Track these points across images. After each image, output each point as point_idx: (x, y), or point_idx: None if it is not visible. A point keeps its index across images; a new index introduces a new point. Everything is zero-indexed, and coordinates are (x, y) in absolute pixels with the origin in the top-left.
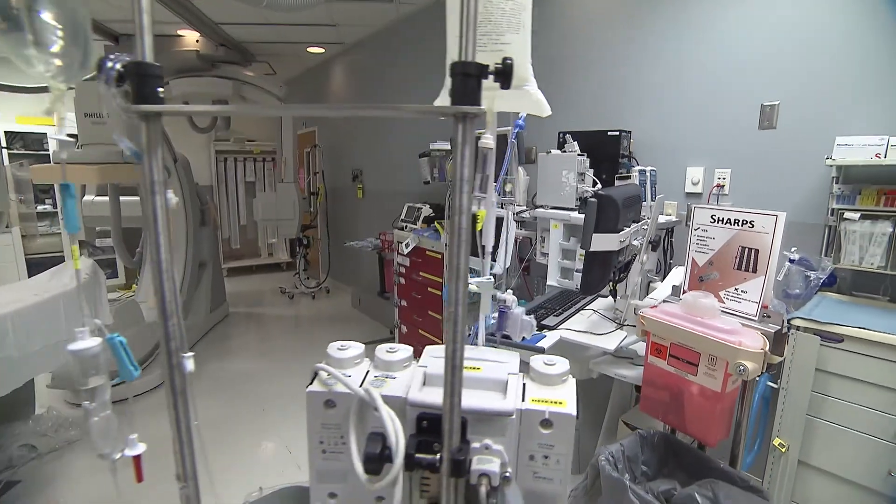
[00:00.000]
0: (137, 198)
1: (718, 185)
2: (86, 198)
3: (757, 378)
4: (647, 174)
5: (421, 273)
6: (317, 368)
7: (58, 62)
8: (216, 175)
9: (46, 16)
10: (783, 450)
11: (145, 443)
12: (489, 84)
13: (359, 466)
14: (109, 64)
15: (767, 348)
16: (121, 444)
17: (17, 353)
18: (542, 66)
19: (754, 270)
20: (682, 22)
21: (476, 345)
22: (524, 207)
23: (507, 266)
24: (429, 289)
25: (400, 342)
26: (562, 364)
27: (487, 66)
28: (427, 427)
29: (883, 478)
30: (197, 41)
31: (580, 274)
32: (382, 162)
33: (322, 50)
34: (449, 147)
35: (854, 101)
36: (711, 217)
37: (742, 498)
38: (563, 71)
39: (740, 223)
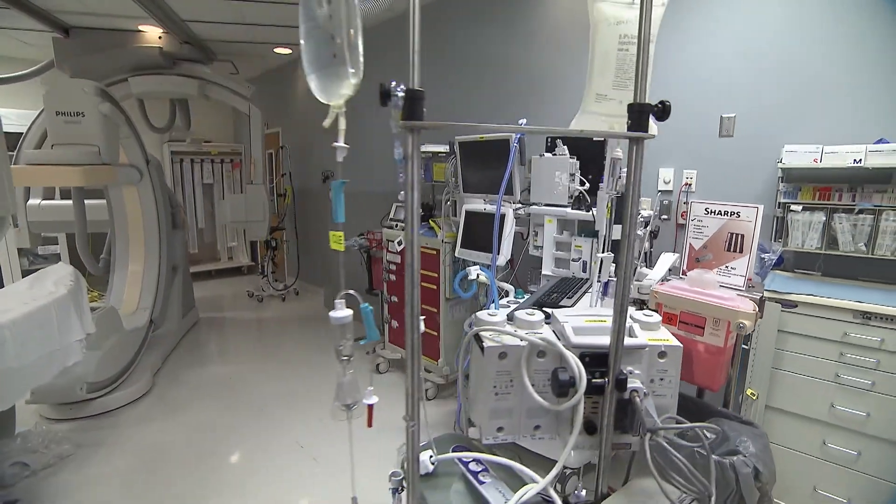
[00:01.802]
0: (101, 201)
1: (686, 184)
2: (31, 202)
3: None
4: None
5: None
6: (479, 331)
7: (354, 81)
8: (172, 177)
9: (360, 44)
10: (754, 398)
11: (139, 453)
12: (609, 109)
13: (537, 397)
14: (396, 93)
15: (757, 310)
16: (356, 397)
17: (17, 363)
18: (533, 77)
19: (740, 251)
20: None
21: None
22: (520, 205)
23: (509, 258)
24: (422, 284)
25: (390, 336)
26: (656, 315)
27: (656, 105)
28: (589, 362)
29: (828, 409)
30: (160, 37)
31: (575, 263)
32: (355, 164)
33: (289, 51)
34: (434, 149)
35: (798, 115)
36: (705, 209)
37: (743, 429)
38: (549, 81)
39: (729, 214)
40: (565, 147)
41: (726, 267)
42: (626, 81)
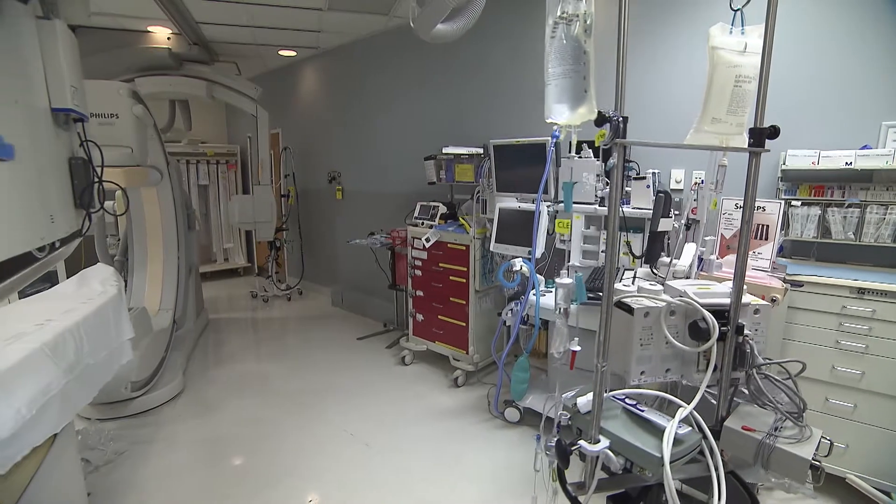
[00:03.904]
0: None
1: (696, 184)
2: None
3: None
4: (655, 175)
5: (441, 264)
6: (626, 296)
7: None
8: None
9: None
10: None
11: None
12: (722, 129)
13: (679, 344)
14: (612, 117)
15: (784, 287)
16: (561, 343)
17: (92, 360)
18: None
19: (765, 239)
20: (660, 54)
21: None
22: (550, 203)
23: (542, 251)
24: (450, 277)
25: (414, 329)
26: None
27: (770, 127)
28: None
29: (829, 371)
30: (168, 38)
31: (604, 254)
32: (365, 164)
33: (293, 53)
34: (457, 151)
35: (798, 122)
36: (735, 205)
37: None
38: None
39: (756, 208)
40: (591, 150)
41: (754, 252)
42: (737, 109)
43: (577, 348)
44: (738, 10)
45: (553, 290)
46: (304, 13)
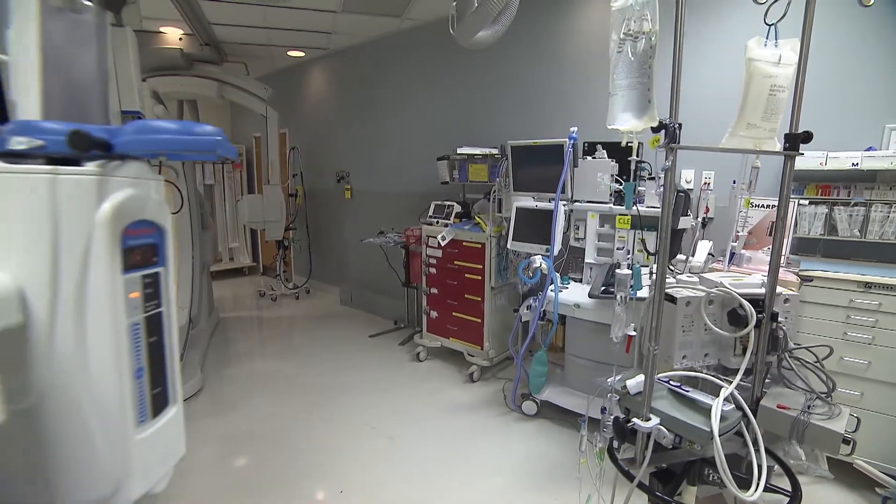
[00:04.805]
0: None
1: (706, 183)
2: None
3: None
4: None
5: (456, 262)
6: (668, 287)
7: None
8: None
9: None
10: None
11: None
12: (756, 134)
13: (718, 329)
14: (671, 127)
15: (798, 281)
16: (620, 329)
17: None
18: (563, 84)
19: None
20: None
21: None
22: (565, 202)
23: (559, 248)
24: (466, 275)
25: (428, 326)
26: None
27: (803, 133)
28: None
29: (838, 361)
30: (180, 39)
31: (619, 251)
32: (374, 164)
33: (302, 54)
34: (472, 152)
35: (805, 125)
36: (751, 204)
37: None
38: (580, 89)
39: (770, 206)
40: (604, 151)
41: (768, 248)
42: (770, 115)
43: (633, 333)
44: (772, 24)
45: (568, 286)
46: (318, 15)
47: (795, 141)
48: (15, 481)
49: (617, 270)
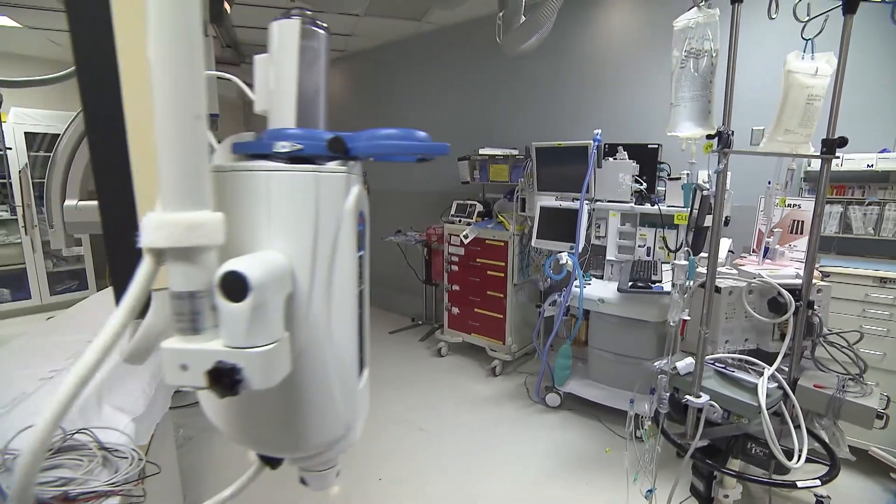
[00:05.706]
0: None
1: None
2: (67, 202)
3: None
4: (688, 176)
5: (478, 259)
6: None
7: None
8: None
9: None
10: None
11: None
12: (792, 139)
13: (759, 316)
14: (725, 134)
15: (821, 276)
16: (677, 314)
17: None
18: (583, 88)
19: (800, 233)
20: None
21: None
22: (590, 201)
23: (583, 246)
24: (488, 272)
25: (450, 322)
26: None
27: (839, 138)
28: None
29: None
30: None
31: (641, 248)
32: (391, 165)
33: None
34: (493, 152)
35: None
36: (786, 203)
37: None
38: (599, 92)
39: (792, 205)
40: (625, 153)
41: (790, 245)
42: (807, 122)
43: (688, 318)
44: (809, 39)
45: (590, 282)
46: (341, 18)
47: (832, 145)
48: (271, 426)
49: (675, 262)
